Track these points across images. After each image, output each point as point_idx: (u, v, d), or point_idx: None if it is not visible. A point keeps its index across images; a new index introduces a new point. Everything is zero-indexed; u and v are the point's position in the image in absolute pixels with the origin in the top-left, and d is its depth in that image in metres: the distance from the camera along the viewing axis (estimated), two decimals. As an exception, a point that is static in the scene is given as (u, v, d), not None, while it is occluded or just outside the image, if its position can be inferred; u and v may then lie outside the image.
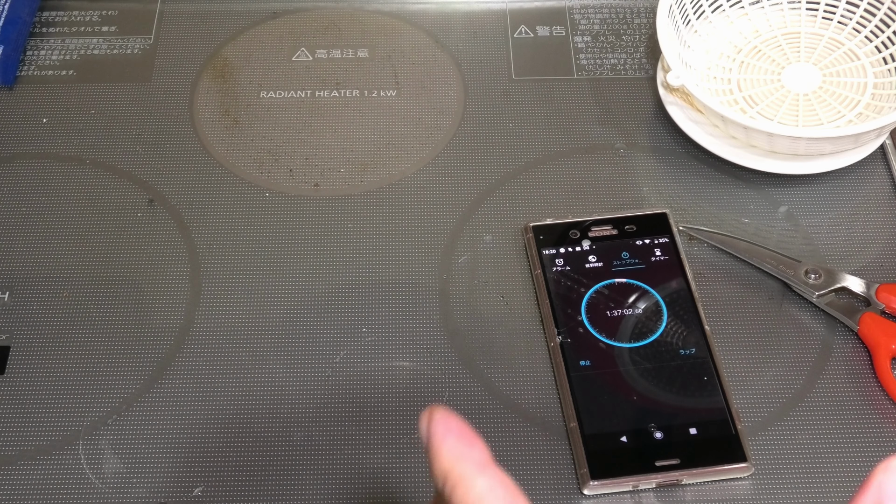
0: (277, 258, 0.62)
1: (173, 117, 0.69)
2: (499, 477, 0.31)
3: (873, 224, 0.64)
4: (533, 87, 0.71)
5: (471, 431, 0.33)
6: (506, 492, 0.31)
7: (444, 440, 0.32)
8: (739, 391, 0.56)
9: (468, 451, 0.32)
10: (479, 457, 0.32)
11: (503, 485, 0.31)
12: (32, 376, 0.57)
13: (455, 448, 0.32)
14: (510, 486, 0.31)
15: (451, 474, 0.32)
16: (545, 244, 0.61)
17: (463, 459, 0.32)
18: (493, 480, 0.31)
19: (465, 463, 0.32)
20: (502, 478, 0.32)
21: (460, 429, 0.33)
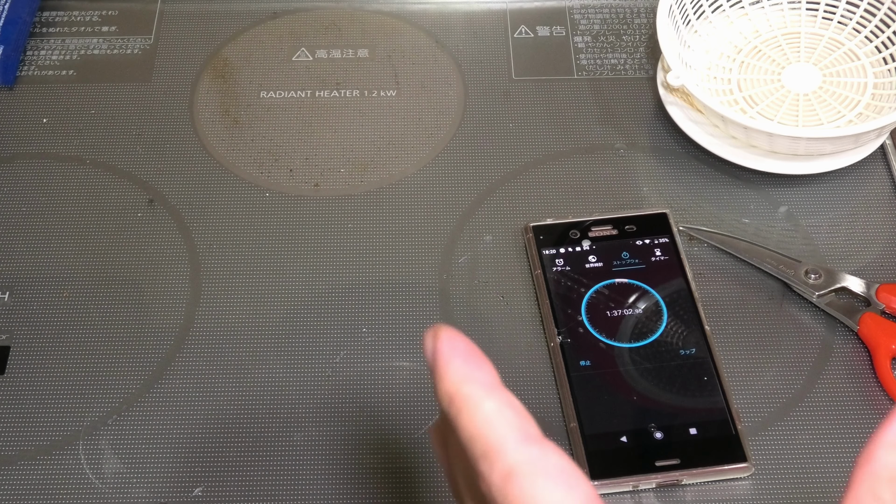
0: (277, 258, 0.62)
1: (173, 117, 0.69)
2: (507, 399, 0.30)
3: (873, 224, 0.64)
4: (533, 87, 0.71)
5: (478, 352, 0.31)
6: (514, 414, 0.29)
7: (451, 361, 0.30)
8: (739, 391, 0.56)
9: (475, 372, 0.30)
10: (486, 378, 0.30)
11: (512, 407, 0.30)
12: (32, 376, 0.57)
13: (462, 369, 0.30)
14: (519, 409, 0.30)
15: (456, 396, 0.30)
16: (545, 244, 0.61)
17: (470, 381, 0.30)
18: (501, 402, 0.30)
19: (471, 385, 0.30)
20: (511, 400, 0.30)
21: (467, 349, 0.31)
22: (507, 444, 0.29)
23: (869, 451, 0.29)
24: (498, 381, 0.30)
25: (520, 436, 0.29)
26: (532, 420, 0.30)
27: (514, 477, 0.28)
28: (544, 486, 0.28)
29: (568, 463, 0.29)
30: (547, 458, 0.29)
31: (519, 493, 0.28)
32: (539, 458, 0.29)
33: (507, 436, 0.29)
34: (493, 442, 0.29)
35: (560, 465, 0.29)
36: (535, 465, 0.28)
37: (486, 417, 0.29)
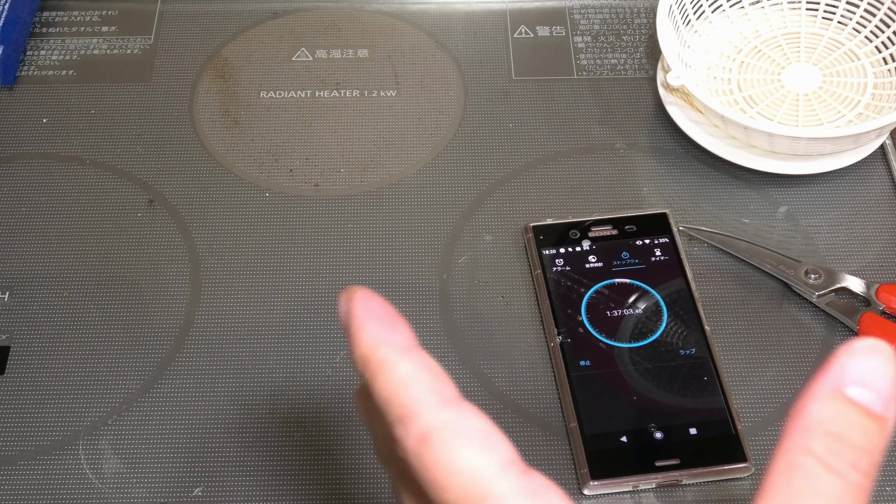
0: (277, 258, 0.62)
1: (173, 117, 0.69)
2: (423, 360, 0.29)
3: (873, 224, 0.64)
4: (533, 87, 0.71)
5: (394, 312, 0.30)
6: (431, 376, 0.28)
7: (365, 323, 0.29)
8: (739, 391, 0.56)
9: (390, 334, 0.29)
10: (401, 340, 0.29)
11: (428, 369, 0.29)
12: (32, 376, 0.57)
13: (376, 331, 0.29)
14: (436, 371, 0.29)
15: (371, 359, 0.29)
16: (545, 244, 0.61)
17: (385, 343, 0.29)
18: (416, 365, 0.29)
19: (386, 347, 0.29)
20: (427, 361, 0.29)
21: (382, 310, 0.30)
22: (422, 408, 0.28)
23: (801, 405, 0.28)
24: (414, 343, 0.29)
25: (436, 399, 0.28)
26: (449, 381, 0.29)
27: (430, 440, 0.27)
28: (461, 449, 0.27)
29: (486, 425, 0.28)
30: (464, 420, 0.28)
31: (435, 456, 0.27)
32: (456, 421, 0.28)
33: (422, 399, 0.28)
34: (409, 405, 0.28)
35: (478, 426, 0.28)
36: (452, 428, 0.28)
37: (402, 380, 0.28)
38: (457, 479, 0.27)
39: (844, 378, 0.28)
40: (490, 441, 0.28)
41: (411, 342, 0.29)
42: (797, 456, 0.27)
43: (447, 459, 0.27)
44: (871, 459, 0.28)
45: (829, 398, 0.28)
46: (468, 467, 0.27)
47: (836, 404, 0.28)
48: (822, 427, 0.27)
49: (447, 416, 0.28)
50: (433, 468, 0.27)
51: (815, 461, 0.27)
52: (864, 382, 0.28)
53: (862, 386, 0.28)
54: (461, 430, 0.27)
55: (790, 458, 0.28)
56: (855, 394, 0.28)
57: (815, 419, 0.28)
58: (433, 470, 0.27)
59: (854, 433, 0.27)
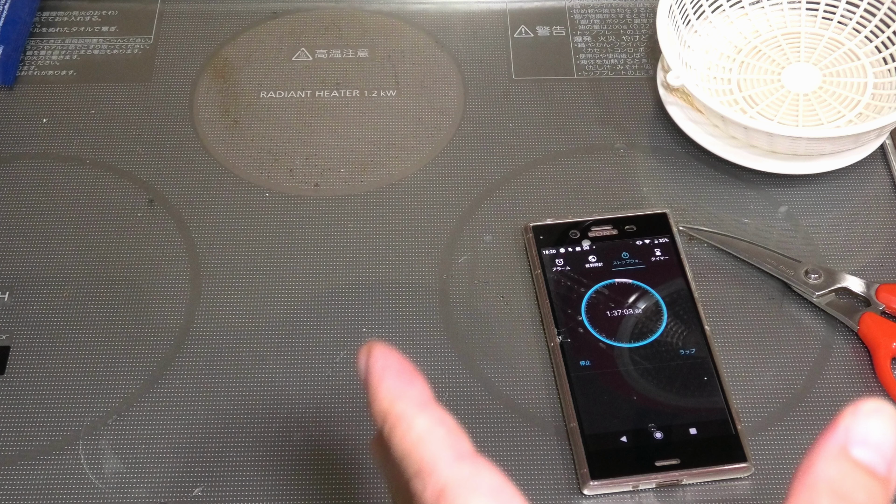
0: (277, 258, 0.62)
1: (173, 117, 0.69)
2: (439, 416, 0.30)
3: (873, 224, 0.64)
4: (533, 87, 0.71)
5: (411, 368, 0.31)
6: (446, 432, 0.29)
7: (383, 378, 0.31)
8: (739, 391, 0.56)
9: (408, 389, 0.30)
10: (418, 396, 0.30)
11: (444, 424, 0.29)
12: (32, 376, 0.57)
13: (394, 386, 0.30)
14: (451, 426, 0.30)
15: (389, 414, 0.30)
16: (545, 244, 0.61)
17: (402, 398, 0.30)
18: (432, 420, 0.29)
19: (404, 402, 0.30)
20: (443, 417, 0.30)
21: (400, 366, 0.31)
22: (439, 463, 0.29)
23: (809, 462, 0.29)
24: (430, 398, 0.30)
25: (452, 453, 0.29)
26: (464, 437, 0.30)
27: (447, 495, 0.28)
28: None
29: (500, 480, 0.29)
30: (479, 475, 0.29)
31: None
32: (471, 476, 0.28)
33: (439, 454, 0.29)
34: (426, 460, 0.29)
35: (492, 482, 0.29)
36: (467, 483, 0.28)
37: (419, 435, 0.29)
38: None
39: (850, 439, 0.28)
40: (505, 497, 0.28)
41: (427, 397, 0.30)
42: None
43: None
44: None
45: (835, 458, 0.28)
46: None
47: (841, 464, 0.28)
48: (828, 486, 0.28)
49: (462, 472, 0.29)
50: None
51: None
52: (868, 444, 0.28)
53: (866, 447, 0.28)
54: (476, 486, 0.28)
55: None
56: (860, 454, 0.28)
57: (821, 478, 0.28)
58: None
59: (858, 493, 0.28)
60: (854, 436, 0.29)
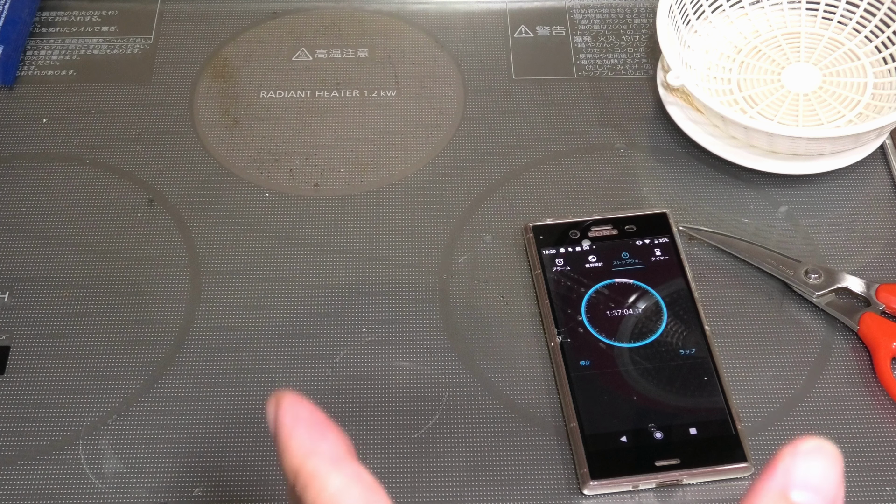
0: (277, 258, 0.62)
1: (173, 117, 0.69)
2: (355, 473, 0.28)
3: (873, 224, 0.64)
4: (533, 87, 0.71)
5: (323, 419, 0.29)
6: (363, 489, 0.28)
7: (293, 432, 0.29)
8: (739, 391, 0.56)
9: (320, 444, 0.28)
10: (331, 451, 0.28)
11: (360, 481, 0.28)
12: (32, 376, 0.57)
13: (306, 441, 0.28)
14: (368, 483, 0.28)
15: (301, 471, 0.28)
16: (545, 244, 0.61)
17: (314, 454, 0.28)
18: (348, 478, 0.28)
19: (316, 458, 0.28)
20: (359, 473, 0.28)
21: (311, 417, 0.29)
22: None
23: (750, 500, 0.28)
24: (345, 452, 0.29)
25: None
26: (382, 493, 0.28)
27: None
28: None
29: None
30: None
31: None
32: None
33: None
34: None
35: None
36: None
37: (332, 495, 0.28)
38: None
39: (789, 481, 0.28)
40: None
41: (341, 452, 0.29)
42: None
43: None
44: None
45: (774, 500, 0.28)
46: None
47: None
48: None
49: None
50: None
51: None
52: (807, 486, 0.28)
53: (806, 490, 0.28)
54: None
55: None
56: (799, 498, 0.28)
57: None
58: None
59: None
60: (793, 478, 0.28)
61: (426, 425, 0.55)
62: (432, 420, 0.56)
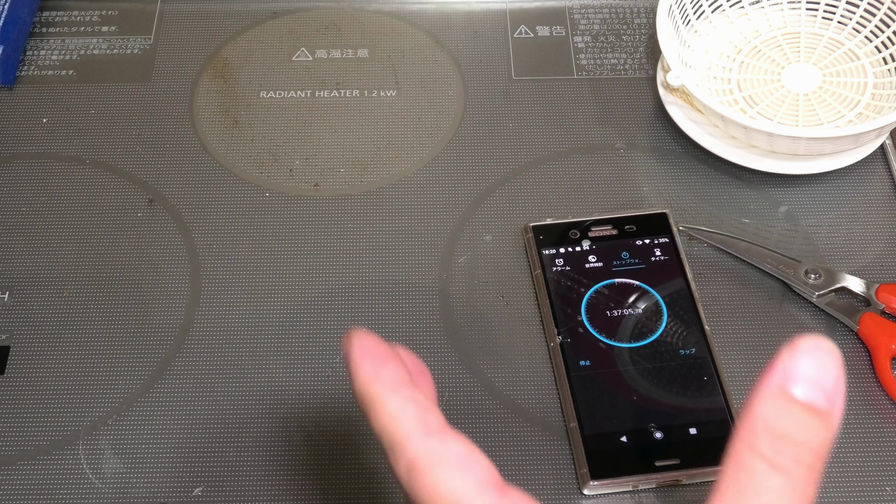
0: (277, 258, 0.62)
1: (173, 117, 0.69)
2: (411, 394, 0.31)
3: (873, 224, 0.64)
4: (533, 87, 0.71)
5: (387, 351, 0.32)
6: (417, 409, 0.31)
7: (360, 363, 0.32)
8: (739, 391, 0.56)
9: (381, 372, 0.32)
10: (392, 377, 0.32)
11: (415, 402, 0.31)
12: (32, 376, 0.57)
13: (370, 370, 0.32)
14: (422, 404, 0.31)
15: (366, 396, 0.32)
16: (545, 244, 0.61)
17: (376, 381, 0.32)
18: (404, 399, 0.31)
19: (377, 384, 0.32)
20: (414, 395, 0.31)
21: (376, 349, 0.32)
22: (409, 438, 0.30)
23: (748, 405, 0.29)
24: (404, 378, 0.32)
25: (422, 429, 0.31)
26: (436, 412, 0.31)
27: (417, 467, 0.30)
28: (443, 474, 0.30)
29: (466, 449, 0.30)
30: (446, 447, 0.30)
31: (422, 483, 0.30)
32: (438, 449, 0.30)
33: (409, 430, 0.31)
34: (398, 437, 0.31)
35: (458, 451, 0.30)
36: (435, 456, 0.30)
37: (391, 414, 0.31)
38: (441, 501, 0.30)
39: (788, 377, 0.29)
40: (470, 464, 0.30)
41: (401, 378, 0.32)
42: (744, 455, 0.29)
43: (431, 484, 0.30)
44: (814, 454, 0.29)
45: (774, 397, 0.29)
46: (450, 490, 0.29)
47: (780, 403, 0.29)
48: (767, 425, 0.29)
49: (430, 445, 0.30)
50: (421, 493, 0.30)
51: (761, 459, 0.28)
52: (807, 381, 0.29)
53: (806, 384, 0.29)
54: (443, 457, 0.30)
55: (738, 457, 0.29)
56: (799, 392, 0.29)
57: (761, 418, 0.29)
58: (422, 494, 0.30)
59: (797, 430, 0.28)
60: (792, 374, 0.29)
61: (426, 425, 0.55)
62: (432, 420, 0.56)
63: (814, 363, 0.29)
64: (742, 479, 0.28)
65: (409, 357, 0.35)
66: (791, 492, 0.28)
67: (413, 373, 0.33)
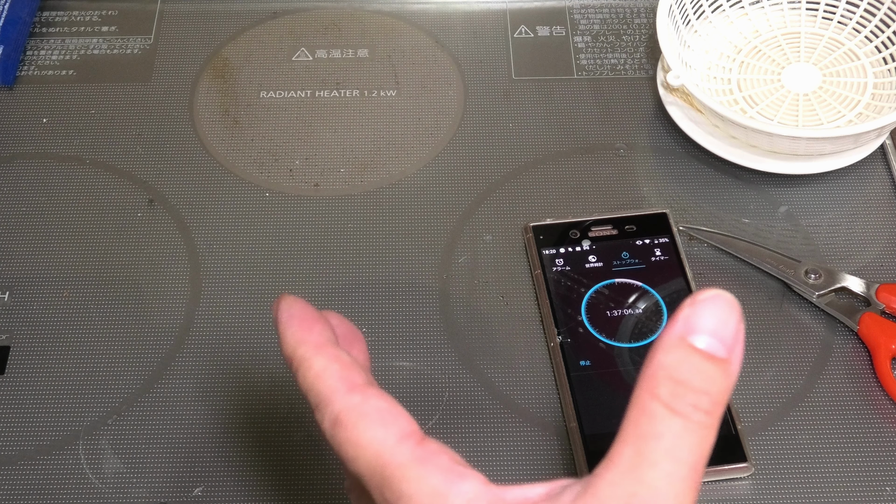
0: (277, 258, 0.62)
1: (173, 117, 0.69)
2: (334, 354, 0.33)
3: (873, 224, 0.64)
4: (533, 87, 0.71)
5: (313, 314, 0.34)
6: (340, 367, 0.32)
7: (288, 326, 0.34)
8: (739, 391, 0.56)
9: (307, 334, 0.33)
10: (317, 339, 0.33)
11: (338, 361, 0.32)
12: (32, 376, 0.57)
13: (297, 332, 0.33)
14: (345, 361, 0.32)
15: (293, 357, 0.33)
16: (545, 244, 0.61)
17: (302, 343, 0.33)
18: (328, 358, 0.32)
19: (304, 346, 0.33)
20: (337, 355, 0.33)
21: (302, 313, 0.34)
22: (332, 394, 0.32)
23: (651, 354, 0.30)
24: (330, 339, 0.33)
25: (345, 385, 0.32)
26: (358, 370, 0.32)
27: (340, 422, 0.31)
28: (364, 427, 0.31)
29: (386, 403, 0.32)
30: (367, 401, 0.31)
31: (344, 436, 0.31)
32: (360, 403, 0.31)
33: (333, 387, 0.32)
34: (322, 394, 0.32)
35: (379, 406, 0.31)
36: (357, 410, 0.31)
37: (316, 373, 0.32)
38: (362, 452, 0.31)
39: (688, 328, 0.30)
40: (390, 417, 0.31)
41: (325, 339, 0.33)
42: (646, 400, 0.30)
43: (353, 437, 0.31)
44: (712, 400, 0.29)
45: (674, 347, 0.30)
46: (371, 441, 0.31)
47: (680, 352, 0.29)
48: (667, 373, 0.29)
49: (353, 400, 0.31)
50: (345, 445, 0.31)
51: (660, 404, 0.29)
52: (707, 331, 0.30)
53: (705, 334, 0.30)
54: (364, 411, 0.31)
55: (640, 403, 0.30)
56: (699, 342, 0.30)
57: (661, 366, 0.29)
58: (345, 447, 0.31)
59: (695, 377, 0.29)
60: (693, 325, 0.30)
61: (426, 425, 0.55)
62: (432, 420, 0.56)
63: (714, 314, 0.30)
64: (643, 423, 0.30)
65: (342, 322, 0.36)
66: (690, 435, 0.29)
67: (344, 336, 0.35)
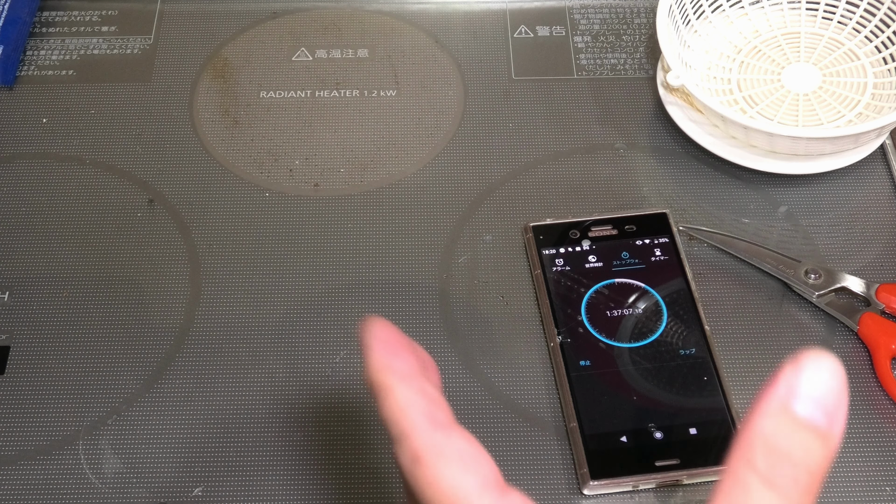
0: (277, 258, 0.62)
1: (173, 117, 0.69)
2: (420, 387, 0.32)
3: (873, 224, 0.64)
4: (533, 87, 0.71)
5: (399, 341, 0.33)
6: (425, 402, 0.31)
7: (373, 351, 0.33)
8: (739, 391, 0.56)
9: (393, 361, 0.33)
10: (403, 367, 0.32)
11: (423, 394, 0.32)
12: (32, 376, 0.57)
13: (380, 358, 0.33)
14: (431, 396, 0.32)
15: (376, 384, 0.32)
16: (545, 244, 0.61)
17: (387, 370, 0.32)
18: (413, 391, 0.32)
19: (388, 374, 0.32)
20: (423, 387, 0.32)
21: (388, 339, 0.33)
22: (415, 430, 0.31)
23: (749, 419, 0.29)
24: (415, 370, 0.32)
25: (428, 422, 0.31)
26: (444, 407, 0.32)
27: (420, 460, 0.30)
28: (446, 469, 0.30)
29: (470, 447, 0.31)
30: (450, 442, 0.30)
31: (424, 475, 0.30)
32: (443, 443, 0.30)
33: (416, 421, 0.31)
34: (405, 427, 0.31)
35: (462, 448, 0.30)
36: (439, 450, 0.30)
37: (399, 404, 0.31)
38: (441, 496, 0.30)
39: (791, 393, 0.28)
40: (473, 462, 0.30)
41: (411, 369, 0.32)
42: (740, 469, 0.28)
43: (433, 478, 0.30)
44: (811, 476, 0.28)
45: (774, 413, 0.28)
46: (452, 487, 0.30)
47: (780, 420, 0.28)
48: (766, 442, 0.28)
49: (436, 438, 0.31)
50: (423, 485, 0.30)
51: (756, 475, 0.28)
52: (809, 398, 0.28)
53: (807, 401, 0.28)
54: (447, 452, 0.30)
55: (734, 471, 0.28)
56: (801, 410, 0.28)
57: (760, 434, 0.28)
58: (423, 486, 0.30)
59: (796, 450, 0.28)
60: (795, 390, 0.28)
61: (426, 425, 0.55)
62: (432, 420, 0.56)
63: (817, 380, 0.29)
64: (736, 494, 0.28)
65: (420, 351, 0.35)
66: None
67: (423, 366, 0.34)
